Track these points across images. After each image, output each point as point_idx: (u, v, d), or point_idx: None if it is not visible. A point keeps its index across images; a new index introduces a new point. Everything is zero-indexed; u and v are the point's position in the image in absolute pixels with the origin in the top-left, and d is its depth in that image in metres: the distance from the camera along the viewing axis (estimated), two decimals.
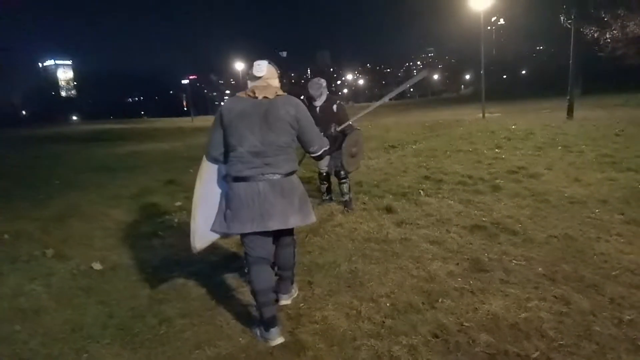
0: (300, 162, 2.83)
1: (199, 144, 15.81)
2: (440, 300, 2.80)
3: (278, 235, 2.73)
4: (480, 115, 20.38)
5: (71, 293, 3.30)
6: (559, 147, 8.61)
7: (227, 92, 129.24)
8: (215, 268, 3.60)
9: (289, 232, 2.77)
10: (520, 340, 2.34)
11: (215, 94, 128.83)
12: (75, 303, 3.13)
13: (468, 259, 3.44)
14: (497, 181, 5.99)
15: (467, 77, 79.27)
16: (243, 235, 2.55)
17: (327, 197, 5.48)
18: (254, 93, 2.48)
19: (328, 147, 2.77)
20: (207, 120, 46.05)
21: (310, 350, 2.37)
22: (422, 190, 5.72)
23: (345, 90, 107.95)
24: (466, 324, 2.52)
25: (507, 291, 2.88)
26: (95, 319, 2.89)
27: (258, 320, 2.59)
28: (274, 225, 2.47)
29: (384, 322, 2.60)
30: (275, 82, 2.62)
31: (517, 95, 38.11)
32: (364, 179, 6.62)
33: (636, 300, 2.66)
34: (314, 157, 2.80)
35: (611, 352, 2.19)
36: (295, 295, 3.01)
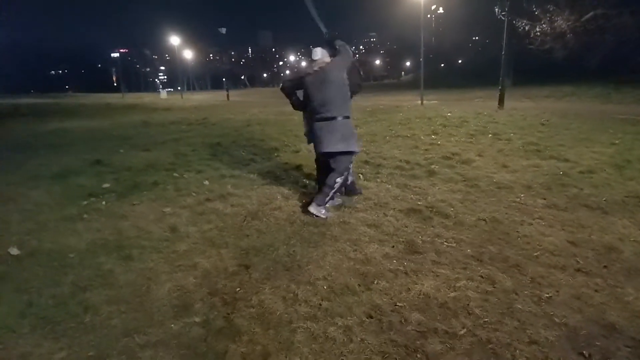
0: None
1: (131, 123, 15.02)
2: (375, 282, 2.86)
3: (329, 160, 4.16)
4: (419, 102, 21.02)
5: None
6: (490, 135, 9.06)
7: (162, 67, 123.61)
8: (146, 252, 3.44)
9: (343, 161, 4.13)
10: (449, 318, 2.45)
11: (148, 69, 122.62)
12: None
13: (403, 241, 3.54)
14: (433, 166, 6.20)
15: (408, 64, 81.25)
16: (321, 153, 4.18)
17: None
18: (315, 67, 4.05)
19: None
20: (139, 97, 43.81)
21: (246, 334, 2.34)
22: (362, 174, 5.80)
23: (287, 72, 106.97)
24: (399, 304, 2.59)
25: (438, 272, 2.99)
26: (12, 307, 2.67)
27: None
28: (328, 148, 4.03)
29: (320, 305, 2.61)
30: (327, 59, 4.10)
31: (453, 83, 39.66)
32: (305, 162, 6.60)
33: (554, 279, 2.87)
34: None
35: (531, 327, 2.34)
36: (324, 216, 4.06)
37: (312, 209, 4.11)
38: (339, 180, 4.15)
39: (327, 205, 4.20)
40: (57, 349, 2.28)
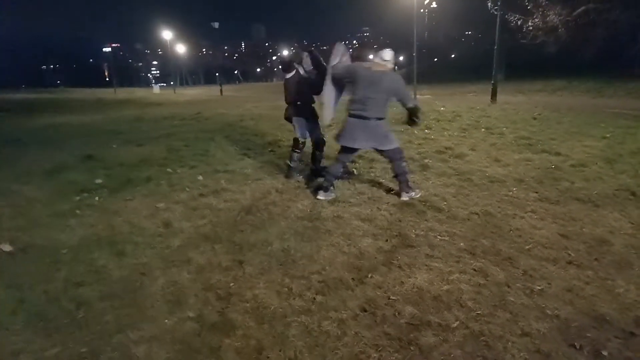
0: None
1: (124, 118, 14.91)
2: (369, 276, 2.87)
3: (388, 156, 4.41)
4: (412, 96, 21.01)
5: None
6: (482, 129, 9.09)
7: (154, 62, 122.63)
8: (139, 248, 3.43)
9: (393, 152, 4.32)
10: (442, 311, 2.46)
11: (141, 64, 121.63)
12: None
13: (397, 235, 3.55)
14: (426, 161, 6.21)
15: (401, 58, 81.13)
16: (342, 146, 4.38)
17: (292, 167, 5.43)
18: (376, 67, 4.13)
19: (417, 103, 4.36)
20: (132, 93, 43.46)
21: (240, 329, 2.34)
22: (355, 169, 5.80)
23: (281, 67, 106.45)
24: (393, 298, 2.61)
25: (432, 265, 3.01)
26: (4, 304, 2.66)
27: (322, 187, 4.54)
28: (359, 145, 4.25)
29: (314, 299, 2.62)
30: (390, 64, 4.20)
31: (446, 78, 39.68)
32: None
33: (546, 272, 2.90)
34: (410, 107, 4.28)
35: (523, 319, 2.36)
36: (416, 196, 4.46)
37: (404, 197, 4.43)
38: (404, 164, 4.42)
39: (410, 187, 4.49)
40: (49, 345, 2.27)
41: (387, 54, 4.19)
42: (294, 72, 5.12)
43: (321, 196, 4.48)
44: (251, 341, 2.24)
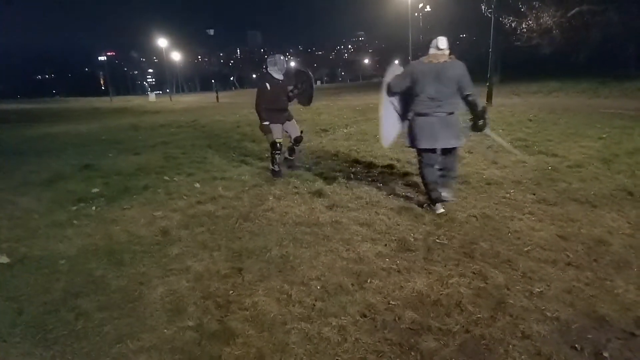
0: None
1: (120, 126, 14.90)
2: (369, 281, 2.87)
3: (446, 151, 4.14)
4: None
5: None
6: (479, 132, 9.09)
7: (150, 70, 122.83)
8: (137, 257, 3.42)
9: (455, 148, 4.15)
10: (442, 315, 2.46)
11: (136, 72, 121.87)
12: None
13: (395, 239, 3.55)
14: None
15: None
16: (420, 150, 4.09)
17: (278, 170, 5.82)
18: (436, 59, 3.94)
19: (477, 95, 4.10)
20: (127, 101, 43.47)
21: (240, 337, 2.33)
22: (353, 173, 5.81)
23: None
24: (393, 303, 2.60)
25: (431, 269, 3.01)
26: (2, 316, 2.65)
27: (428, 200, 4.23)
28: (441, 144, 4.00)
29: (314, 305, 2.61)
30: (447, 52, 3.98)
31: None
32: (296, 162, 6.59)
33: (545, 273, 2.89)
34: (469, 100, 4.07)
35: (523, 322, 2.36)
36: (452, 198, 4.24)
37: (445, 194, 4.19)
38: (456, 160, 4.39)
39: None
40: (49, 357, 2.26)
41: (442, 41, 3.97)
42: (269, 78, 5.73)
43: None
44: (251, 349, 2.23)
